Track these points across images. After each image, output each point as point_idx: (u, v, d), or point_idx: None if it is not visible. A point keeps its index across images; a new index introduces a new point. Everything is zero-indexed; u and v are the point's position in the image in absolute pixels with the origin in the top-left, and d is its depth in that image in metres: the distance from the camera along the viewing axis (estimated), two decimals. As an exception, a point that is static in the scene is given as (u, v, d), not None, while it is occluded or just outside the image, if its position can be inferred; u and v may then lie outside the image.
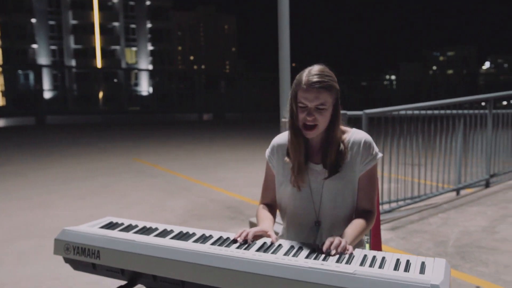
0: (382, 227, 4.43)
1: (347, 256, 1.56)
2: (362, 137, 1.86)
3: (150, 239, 1.71)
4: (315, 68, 1.79)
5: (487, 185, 5.80)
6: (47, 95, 36.20)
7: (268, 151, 2.01)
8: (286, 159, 1.90)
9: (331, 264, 1.44)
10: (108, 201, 5.82)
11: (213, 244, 1.66)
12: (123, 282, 1.74)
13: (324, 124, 1.77)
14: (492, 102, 5.60)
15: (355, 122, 4.38)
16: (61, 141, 13.94)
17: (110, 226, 1.94)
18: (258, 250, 1.60)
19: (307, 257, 1.55)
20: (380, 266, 1.47)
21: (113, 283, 1.72)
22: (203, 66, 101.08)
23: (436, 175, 5.31)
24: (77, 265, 1.82)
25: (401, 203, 4.89)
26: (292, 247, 1.65)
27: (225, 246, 1.63)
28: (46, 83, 37.97)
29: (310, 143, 1.88)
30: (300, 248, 1.63)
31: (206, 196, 6.00)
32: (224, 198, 5.90)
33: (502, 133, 5.90)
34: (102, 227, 1.91)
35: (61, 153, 10.80)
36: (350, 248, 1.58)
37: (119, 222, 2.00)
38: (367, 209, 1.87)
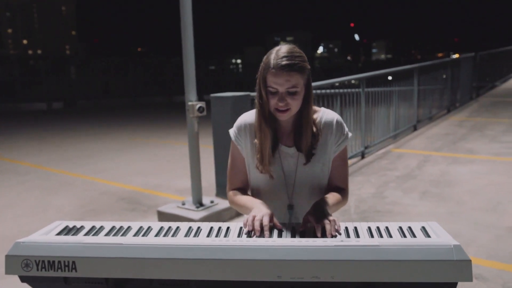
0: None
1: (351, 231, 1.58)
2: (333, 117, 1.83)
3: (138, 239, 1.51)
4: (283, 49, 1.68)
5: (363, 156, 6.41)
6: None
7: (234, 131, 1.87)
8: (255, 141, 1.80)
9: (351, 239, 1.45)
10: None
11: (216, 236, 1.55)
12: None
13: (297, 107, 1.70)
14: (364, 82, 6.16)
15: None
16: None
17: (70, 231, 1.67)
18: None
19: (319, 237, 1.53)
20: (390, 236, 1.52)
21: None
22: (39, 51, 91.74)
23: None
24: (41, 283, 1.54)
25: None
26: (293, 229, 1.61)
27: (237, 236, 1.53)
28: None
29: (281, 125, 1.80)
30: (303, 232, 1.60)
31: (93, 190, 5.53)
32: (114, 189, 5.50)
33: (372, 109, 6.55)
34: (63, 234, 1.63)
35: None
36: (339, 224, 1.59)
37: (77, 225, 1.73)
38: (341, 187, 1.87)
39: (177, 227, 1.65)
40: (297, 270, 1.38)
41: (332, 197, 1.77)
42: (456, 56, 11.69)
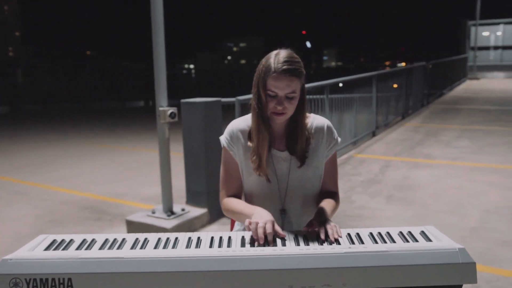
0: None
1: (354, 237, 1.58)
2: (324, 122, 1.89)
3: (139, 253, 1.45)
4: (283, 53, 1.71)
5: (326, 161, 6.49)
6: None
7: (226, 137, 1.86)
8: (250, 143, 1.80)
9: (358, 246, 1.45)
10: None
11: (218, 246, 1.50)
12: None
13: (293, 111, 1.73)
14: (328, 88, 6.27)
15: (228, 110, 4.42)
16: None
17: (59, 245, 1.57)
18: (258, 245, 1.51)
19: (320, 244, 1.52)
20: (393, 241, 1.53)
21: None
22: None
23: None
24: (33, 302, 1.44)
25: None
26: (296, 237, 1.59)
27: (240, 246, 1.49)
28: None
29: (274, 129, 1.81)
30: (306, 237, 1.58)
31: (52, 199, 5.27)
32: (74, 198, 5.27)
33: (335, 114, 6.66)
34: (52, 249, 1.53)
35: None
36: (339, 230, 1.60)
37: (66, 239, 1.64)
38: (333, 191, 1.91)
39: (176, 238, 1.59)
40: (309, 279, 1.36)
41: (329, 204, 1.80)
42: (403, 64, 12.17)
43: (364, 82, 7.90)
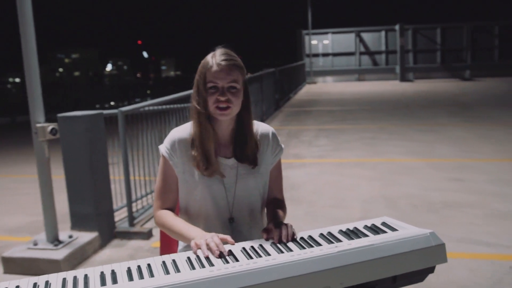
0: (148, 225, 4.34)
1: (329, 237, 1.59)
2: (268, 128, 1.90)
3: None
4: (220, 51, 1.72)
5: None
6: None
7: (166, 147, 1.76)
8: (193, 152, 1.73)
9: (343, 243, 1.47)
10: None
11: (200, 267, 1.37)
12: None
13: (238, 107, 1.71)
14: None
15: (110, 122, 4.11)
16: None
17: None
18: (247, 257, 1.43)
19: (300, 248, 1.50)
20: (365, 235, 1.58)
21: None
22: None
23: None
24: None
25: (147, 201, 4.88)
26: (261, 246, 1.53)
27: (210, 266, 1.37)
28: None
29: (219, 135, 1.77)
30: (274, 244, 1.54)
31: None
32: None
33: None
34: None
35: None
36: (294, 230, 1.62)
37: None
38: (280, 198, 1.93)
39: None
40: (309, 284, 1.33)
41: (281, 211, 1.83)
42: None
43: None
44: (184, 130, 1.78)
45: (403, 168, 6.03)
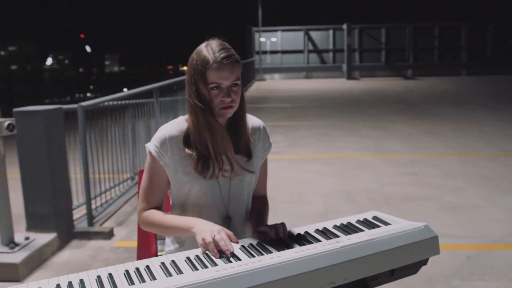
0: (108, 223, 4.19)
1: (327, 232, 1.59)
2: (259, 122, 1.86)
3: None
4: (215, 43, 1.60)
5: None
6: None
7: (155, 145, 1.66)
8: (188, 151, 1.65)
9: (342, 239, 1.48)
10: None
11: (203, 268, 1.33)
12: None
13: (238, 103, 1.64)
14: (158, 91, 6.08)
15: (72, 117, 3.93)
16: None
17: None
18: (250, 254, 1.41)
19: (302, 244, 1.49)
20: (361, 230, 1.60)
21: None
22: None
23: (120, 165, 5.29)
24: None
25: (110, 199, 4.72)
26: (259, 243, 1.51)
27: (213, 266, 1.33)
28: None
29: None
30: (272, 242, 1.52)
31: None
32: None
33: (164, 118, 6.49)
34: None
35: None
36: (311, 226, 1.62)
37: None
38: (264, 195, 1.90)
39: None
40: (315, 280, 1.33)
41: (266, 209, 1.82)
42: (184, 68, 12.68)
43: (183, 87, 7.93)
44: (174, 127, 1.68)
45: (358, 163, 6.19)
